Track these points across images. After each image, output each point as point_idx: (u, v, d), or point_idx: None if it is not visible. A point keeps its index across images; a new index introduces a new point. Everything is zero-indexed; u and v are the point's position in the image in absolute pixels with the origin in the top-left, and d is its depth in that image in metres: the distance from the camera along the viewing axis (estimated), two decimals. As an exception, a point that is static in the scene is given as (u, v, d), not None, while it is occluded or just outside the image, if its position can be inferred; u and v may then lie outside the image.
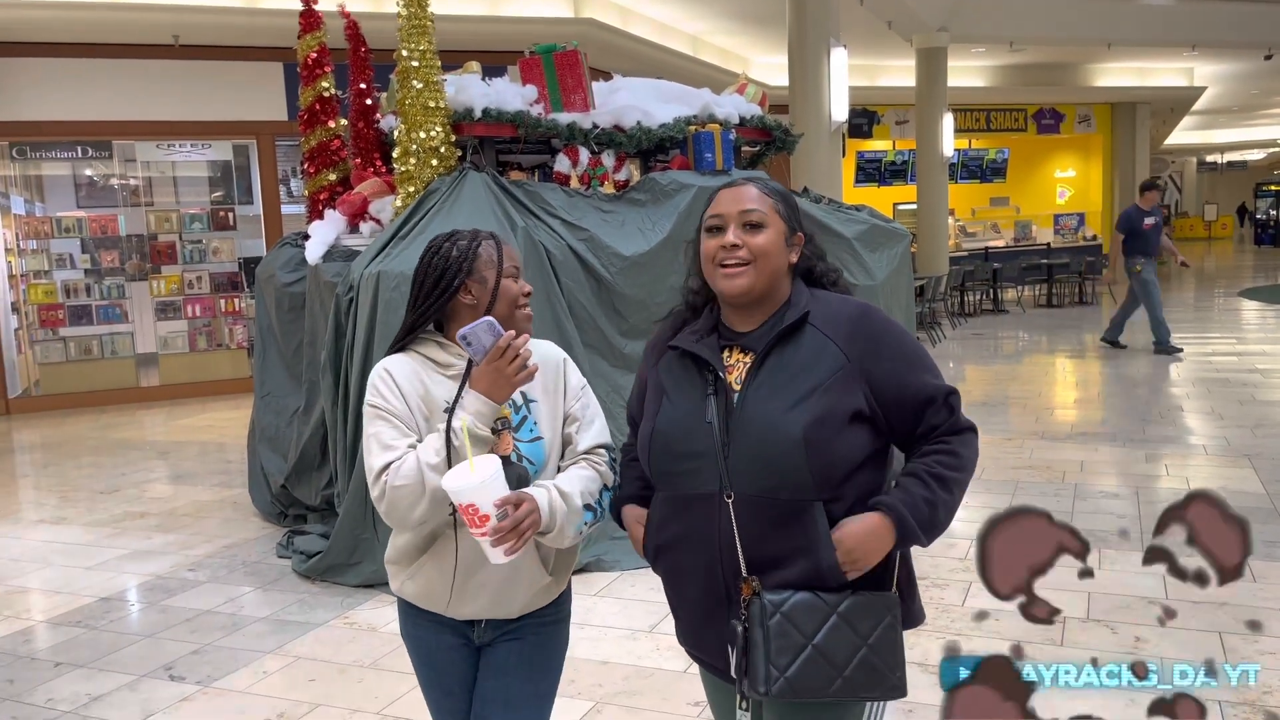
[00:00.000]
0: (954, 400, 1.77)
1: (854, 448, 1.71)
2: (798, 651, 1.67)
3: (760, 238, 1.76)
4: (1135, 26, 14.04)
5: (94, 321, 10.44)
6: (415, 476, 1.83)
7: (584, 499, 1.93)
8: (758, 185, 1.84)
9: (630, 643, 3.90)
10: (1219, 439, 6.82)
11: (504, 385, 1.86)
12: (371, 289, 4.48)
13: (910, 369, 1.75)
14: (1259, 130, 29.69)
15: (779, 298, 1.81)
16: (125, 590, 4.79)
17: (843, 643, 1.68)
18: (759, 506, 1.70)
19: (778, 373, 1.73)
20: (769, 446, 1.69)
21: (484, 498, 1.76)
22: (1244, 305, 15.59)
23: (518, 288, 1.99)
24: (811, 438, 1.67)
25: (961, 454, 1.75)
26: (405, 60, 4.84)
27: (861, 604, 1.70)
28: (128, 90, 10.06)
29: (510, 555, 1.80)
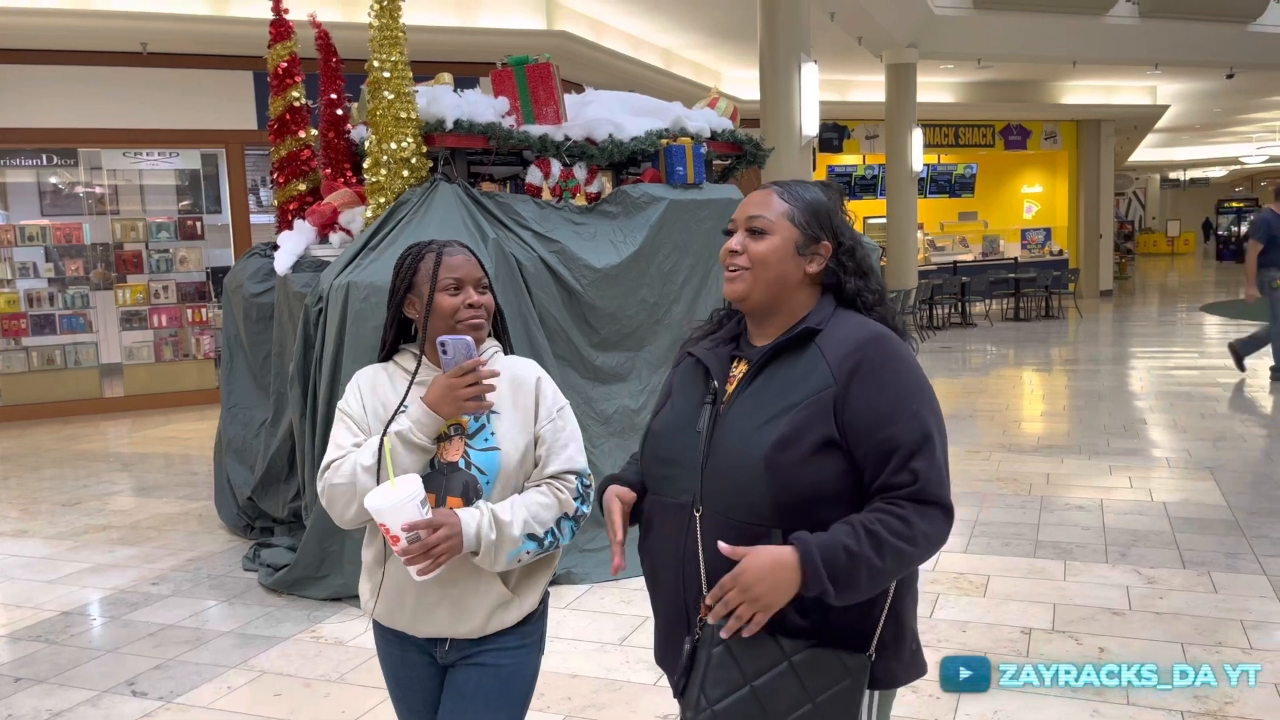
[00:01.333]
0: (923, 467, 1.57)
1: (821, 477, 1.59)
2: (733, 688, 1.57)
3: (761, 244, 1.69)
4: (1099, 45, 14.27)
5: (57, 331, 10.29)
6: (350, 477, 1.88)
7: (526, 528, 1.90)
8: (779, 190, 1.75)
9: (600, 655, 3.89)
10: (1182, 452, 6.92)
11: (451, 403, 1.86)
12: (341, 300, 4.46)
13: (892, 411, 1.58)
14: (1221, 148, 30.24)
15: (794, 310, 1.71)
16: (87, 604, 4.71)
17: (785, 693, 1.56)
18: (720, 525, 1.62)
19: (764, 388, 1.66)
20: (734, 463, 1.63)
21: (394, 520, 1.79)
22: (1206, 320, 15.85)
23: (456, 301, 1.93)
24: (772, 459, 1.58)
25: (913, 524, 1.54)
26: (377, 71, 4.83)
27: (819, 660, 1.57)
28: (95, 98, 9.95)
29: (423, 576, 1.83)
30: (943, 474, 1.60)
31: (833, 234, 1.73)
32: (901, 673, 1.68)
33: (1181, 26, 13.80)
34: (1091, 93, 18.39)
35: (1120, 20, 13.54)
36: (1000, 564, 4.72)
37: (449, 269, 1.94)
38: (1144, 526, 5.24)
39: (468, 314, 1.93)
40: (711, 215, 5.50)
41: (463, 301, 1.94)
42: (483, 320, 1.96)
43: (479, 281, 1.97)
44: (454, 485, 1.91)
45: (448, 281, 1.93)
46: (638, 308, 5.23)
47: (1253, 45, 14.64)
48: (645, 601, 4.58)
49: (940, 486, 1.59)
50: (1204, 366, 10.91)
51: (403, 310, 2.00)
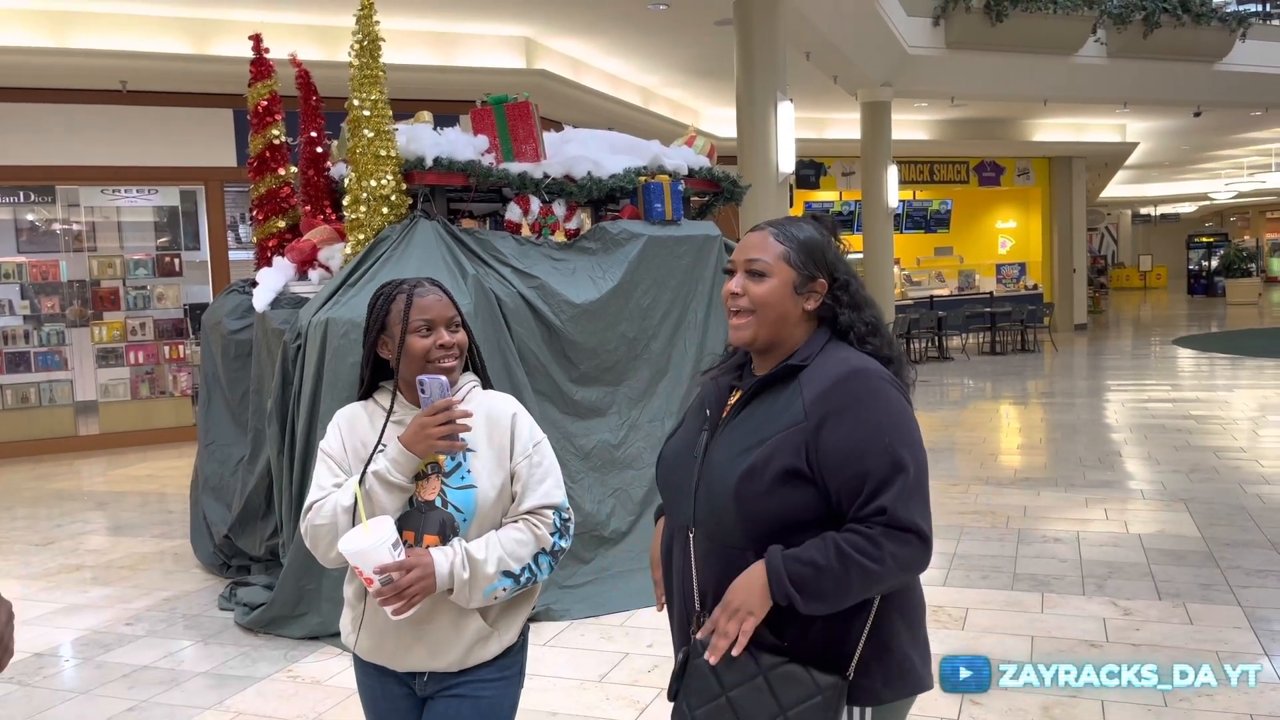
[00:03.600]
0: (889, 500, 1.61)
1: (789, 507, 1.66)
2: (711, 698, 1.67)
3: (762, 287, 1.76)
4: (1069, 84, 14.53)
5: (32, 369, 10.20)
6: (330, 518, 1.90)
7: (501, 565, 1.91)
8: (774, 231, 1.80)
9: (579, 693, 3.86)
10: (1156, 484, 6.98)
11: (423, 442, 1.88)
12: (319, 337, 4.46)
13: (862, 447, 1.63)
14: (1190, 184, 30.75)
15: (792, 345, 1.78)
16: (60, 645, 4.64)
17: (758, 706, 1.64)
18: (707, 546, 1.75)
19: (747, 419, 1.75)
20: (714, 489, 1.73)
21: (367, 563, 1.83)
22: (1179, 353, 16.04)
23: (427, 343, 1.94)
24: (740, 489, 1.67)
25: (882, 546, 1.60)
26: (356, 109, 4.87)
27: (792, 675, 1.64)
28: (74, 135, 9.94)
29: (397, 616, 1.86)
30: (917, 503, 1.64)
31: (827, 270, 1.80)
32: (885, 691, 1.72)
33: (1149, 66, 14.09)
34: (1062, 130, 18.70)
35: (1089, 60, 13.81)
36: (979, 596, 4.74)
37: (420, 310, 1.95)
38: (1120, 558, 5.28)
39: (439, 354, 1.95)
40: (689, 251, 5.55)
41: (434, 343, 1.95)
42: (454, 361, 1.97)
43: (450, 320, 1.98)
44: (431, 524, 1.92)
45: (418, 323, 1.95)
46: (617, 343, 5.26)
47: (1219, 84, 14.96)
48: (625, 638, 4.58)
49: (910, 513, 1.63)
50: (1177, 399, 11.03)
51: (377, 350, 2.02)
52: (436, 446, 1.89)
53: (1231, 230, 38.85)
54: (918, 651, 1.77)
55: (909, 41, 12.34)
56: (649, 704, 3.73)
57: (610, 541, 5.04)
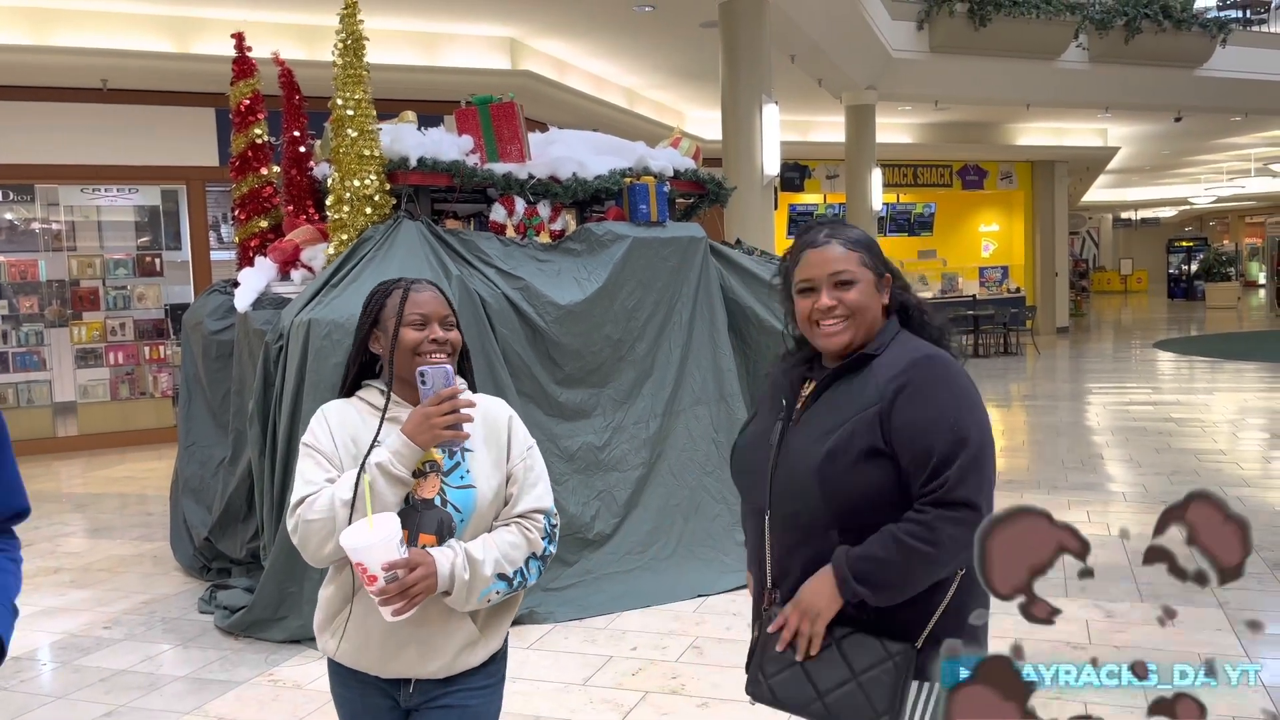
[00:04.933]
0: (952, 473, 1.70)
1: (871, 484, 1.76)
2: (786, 665, 1.79)
3: (853, 293, 1.85)
4: (1051, 89, 14.62)
5: (10, 369, 10.10)
6: (327, 512, 1.83)
7: (497, 568, 1.89)
8: (842, 242, 1.88)
9: (563, 696, 3.84)
10: (1137, 486, 7.02)
11: (428, 433, 1.85)
12: (302, 337, 4.42)
13: (929, 424, 1.73)
14: (1170, 189, 31.01)
15: (872, 337, 1.88)
16: (37, 649, 4.59)
17: (832, 670, 1.76)
18: (786, 527, 1.84)
19: (825, 405, 1.84)
20: (795, 472, 1.82)
21: (373, 559, 1.77)
22: (1159, 356, 16.16)
23: (420, 335, 1.93)
24: (824, 469, 1.77)
25: (936, 529, 1.70)
26: (340, 109, 4.84)
27: (862, 642, 1.76)
28: (54, 133, 9.85)
29: (397, 616, 1.81)
30: (976, 478, 1.73)
31: (886, 265, 1.93)
32: None
33: (1131, 71, 14.19)
34: (1045, 134, 18.82)
35: (1071, 65, 13.90)
36: (962, 599, 4.75)
37: (415, 305, 1.94)
38: (1102, 560, 5.30)
39: (430, 348, 1.93)
40: (675, 253, 5.54)
41: (426, 336, 1.93)
42: (445, 358, 1.95)
43: (445, 319, 1.97)
44: (428, 523, 1.88)
45: (414, 317, 1.93)
46: (601, 344, 5.24)
47: (1200, 90, 15.08)
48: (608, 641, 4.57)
49: (967, 489, 1.72)
50: (1158, 402, 11.10)
51: (367, 346, 1.99)
52: (442, 437, 1.85)
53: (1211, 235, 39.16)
54: (987, 634, 1.83)
55: (893, 45, 12.39)
56: (633, 707, 3.71)
57: (594, 544, 5.02)
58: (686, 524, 5.24)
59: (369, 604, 1.86)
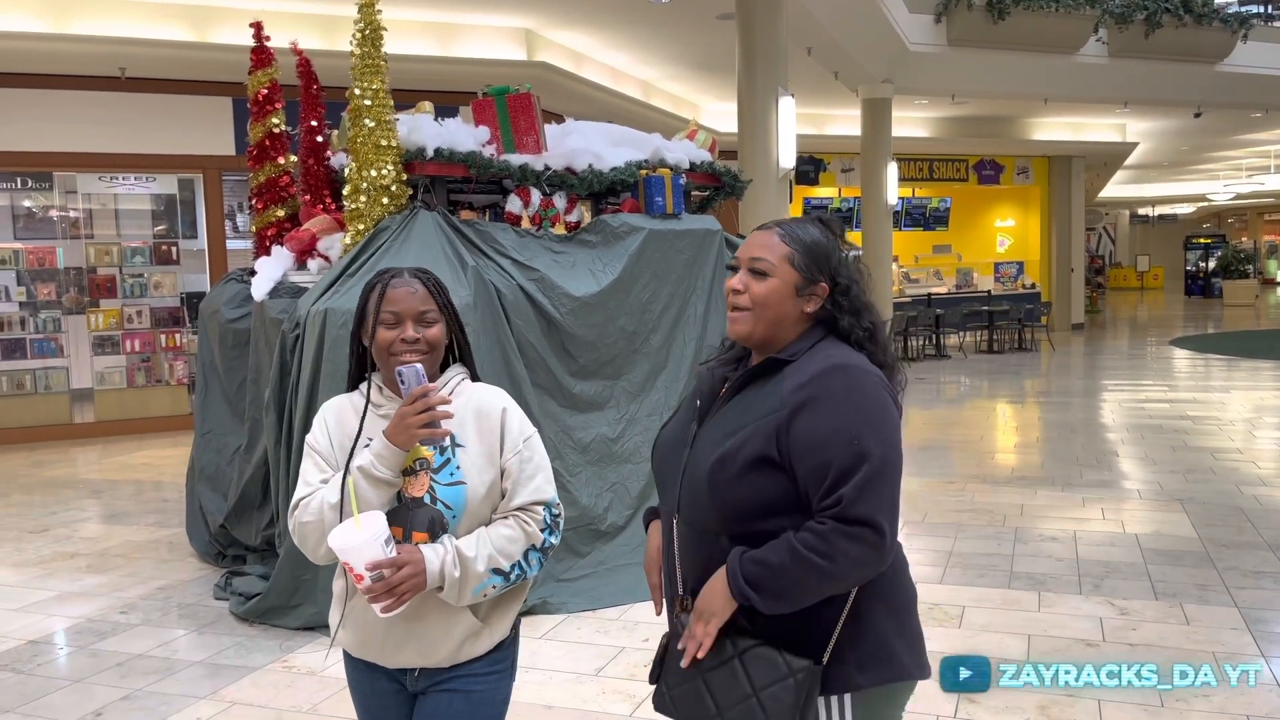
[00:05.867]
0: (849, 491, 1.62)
1: (760, 492, 1.69)
2: (687, 677, 1.74)
3: (763, 286, 1.79)
4: (1070, 83, 14.52)
5: (28, 356, 10.17)
6: (318, 515, 1.88)
7: (491, 563, 1.89)
8: (780, 232, 1.82)
9: (576, 686, 3.86)
10: (1152, 484, 6.99)
11: (404, 433, 1.84)
12: (318, 326, 4.44)
13: (829, 438, 1.64)
14: (1188, 185, 30.78)
15: (784, 341, 1.81)
16: (54, 633, 4.63)
17: (731, 685, 1.69)
18: (688, 531, 1.80)
19: (730, 409, 1.79)
20: (694, 476, 1.78)
21: (358, 559, 1.79)
22: (1175, 354, 16.06)
23: (391, 335, 1.91)
24: (714, 475, 1.73)
25: (832, 543, 1.61)
26: (358, 99, 4.84)
27: (764, 657, 1.68)
28: (72, 122, 9.90)
29: (386, 614, 1.83)
30: (874, 496, 1.63)
31: (830, 275, 1.82)
32: (859, 677, 1.72)
33: (1150, 66, 14.08)
34: (1062, 129, 18.70)
35: (1090, 59, 13.80)
36: (975, 594, 4.74)
37: (389, 302, 1.92)
38: (1116, 558, 5.28)
39: (400, 348, 1.91)
40: (690, 245, 5.54)
41: (397, 337, 1.91)
42: (417, 358, 1.91)
43: (421, 315, 1.93)
44: (419, 520, 1.89)
45: (386, 315, 1.92)
46: (616, 336, 5.25)
47: (1220, 85, 14.96)
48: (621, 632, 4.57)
49: (867, 507, 1.62)
50: (1174, 399, 11.04)
51: (361, 340, 2.00)
52: (418, 436, 1.85)
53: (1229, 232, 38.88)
54: (903, 639, 1.76)
55: (910, 38, 12.33)
56: (645, 698, 3.72)
57: (607, 535, 5.03)
58: (699, 516, 5.23)
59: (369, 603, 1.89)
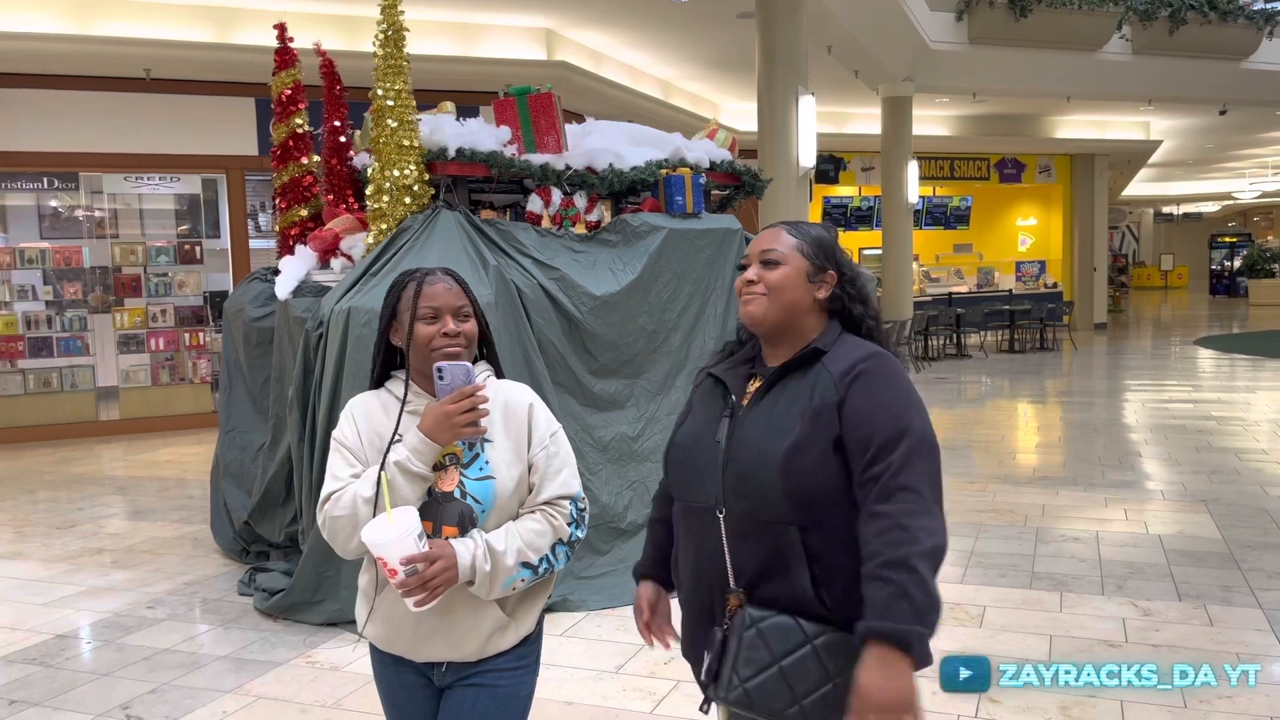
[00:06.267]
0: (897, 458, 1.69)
1: (832, 476, 1.75)
2: (763, 668, 1.74)
3: (775, 273, 1.88)
4: (1093, 81, 14.42)
5: (54, 354, 10.29)
6: (350, 509, 1.89)
7: (520, 557, 1.91)
8: (786, 228, 1.95)
9: (596, 683, 3.88)
10: (1176, 484, 6.94)
11: (447, 430, 1.87)
12: (341, 325, 4.48)
13: (876, 412, 1.74)
14: (1213, 183, 30.48)
15: (804, 333, 1.89)
16: (81, 628, 4.69)
17: (809, 673, 1.72)
18: (744, 524, 1.81)
19: (776, 400, 1.83)
20: (754, 468, 1.79)
21: (392, 554, 1.81)
22: (1200, 353, 15.92)
23: (432, 330, 1.95)
24: (789, 463, 1.75)
25: (906, 526, 1.65)
26: (380, 99, 4.88)
27: (838, 643, 1.72)
28: (98, 122, 10.01)
29: (419, 607, 1.85)
30: (917, 467, 1.70)
31: (836, 265, 1.93)
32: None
33: (1174, 63, 13.97)
34: (1085, 127, 18.57)
35: (1114, 56, 13.70)
36: (996, 595, 4.73)
37: (427, 298, 1.96)
38: (1139, 559, 5.25)
39: (442, 342, 1.94)
40: (710, 245, 5.54)
41: (438, 331, 1.95)
42: (459, 349, 1.96)
43: (458, 310, 1.98)
44: (449, 515, 1.92)
45: (425, 310, 1.95)
46: (636, 335, 5.26)
47: (1246, 82, 14.81)
48: (642, 629, 4.52)
49: (910, 475, 1.69)
50: (1198, 400, 10.95)
51: (389, 337, 2.02)
52: (462, 434, 1.88)
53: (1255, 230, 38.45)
54: None
55: (931, 36, 12.28)
56: (665, 695, 3.74)
57: (627, 533, 5.05)
58: (719, 515, 5.24)
59: (398, 595, 1.91)
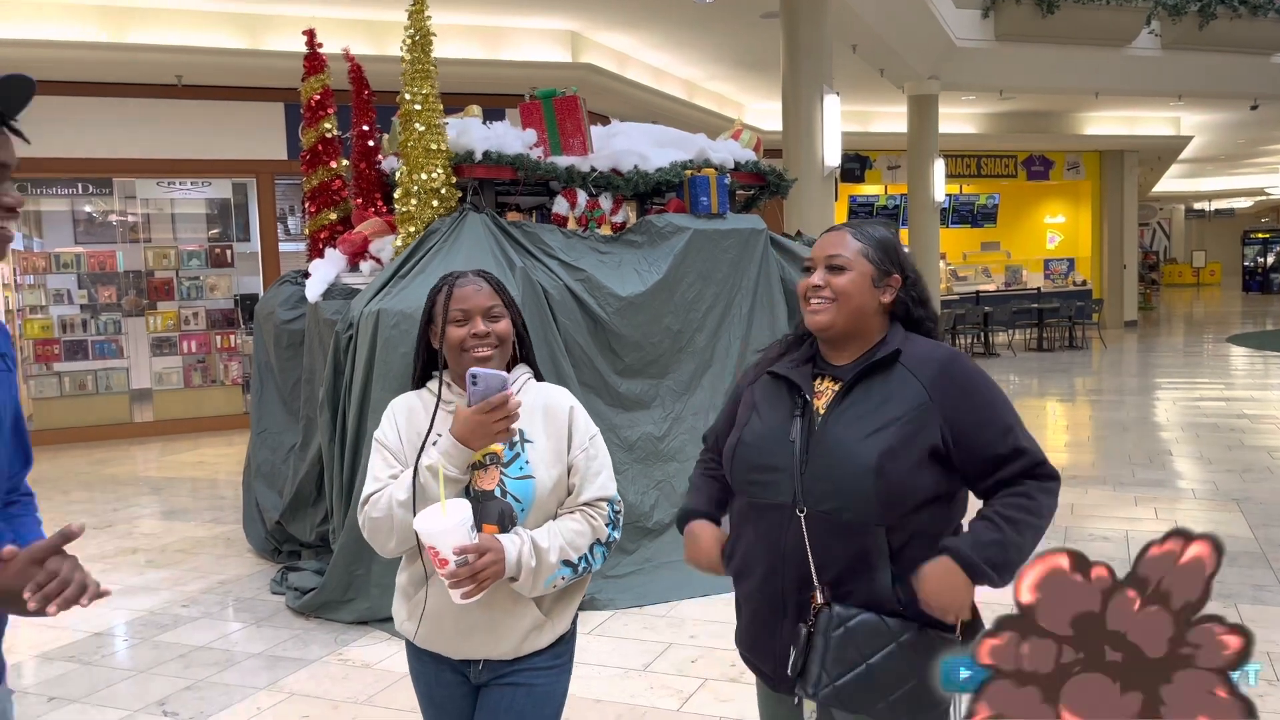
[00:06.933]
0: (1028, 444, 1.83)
1: (924, 483, 1.80)
2: (851, 666, 1.79)
3: (842, 279, 1.90)
4: (1122, 77, 14.27)
5: (89, 357, 10.46)
6: (386, 511, 1.94)
7: (562, 555, 1.95)
8: (852, 231, 1.96)
9: (623, 681, 3.91)
10: (1207, 483, 6.87)
11: (482, 437, 1.90)
12: (371, 327, 4.54)
13: (992, 419, 1.83)
14: (1246, 179, 30.05)
15: (870, 335, 1.93)
16: (118, 625, 4.78)
17: (896, 671, 1.78)
18: (826, 524, 1.83)
19: (861, 402, 1.85)
20: (842, 469, 1.81)
21: (445, 543, 1.83)
22: (1232, 351, 15.73)
23: (462, 332, 1.99)
24: (883, 466, 1.78)
25: (1036, 499, 1.81)
26: (408, 104, 4.93)
27: (923, 640, 1.78)
28: (130, 128, 10.16)
29: (467, 599, 1.87)
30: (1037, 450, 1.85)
31: (900, 267, 1.96)
32: None
33: (1204, 58, 13.80)
34: (1114, 124, 18.38)
35: (1142, 52, 13.56)
36: (1024, 594, 4.71)
37: (457, 300, 2.01)
38: (1169, 558, 5.21)
39: (472, 343, 1.99)
40: (735, 245, 5.56)
41: (468, 332, 1.99)
42: (489, 350, 2.00)
43: (488, 310, 2.01)
44: (490, 513, 1.95)
45: (455, 313, 2.00)
46: (662, 335, 5.29)
47: (1277, 76, 14.61)
48: (668, 629, 4.59)
49: (1045, 462, 1.84)
50: (1230, 398, 10.82)
51: (429, 339, 2.07)
52: (497, 440, 1.92)
53: None
54: None
55: (957, 33, 12.21)
56: (692, 693, 3.76)
57: (654, 533, 5.07)
58: (745, 515, 5.26)
59: (440, 590, 1.94)
